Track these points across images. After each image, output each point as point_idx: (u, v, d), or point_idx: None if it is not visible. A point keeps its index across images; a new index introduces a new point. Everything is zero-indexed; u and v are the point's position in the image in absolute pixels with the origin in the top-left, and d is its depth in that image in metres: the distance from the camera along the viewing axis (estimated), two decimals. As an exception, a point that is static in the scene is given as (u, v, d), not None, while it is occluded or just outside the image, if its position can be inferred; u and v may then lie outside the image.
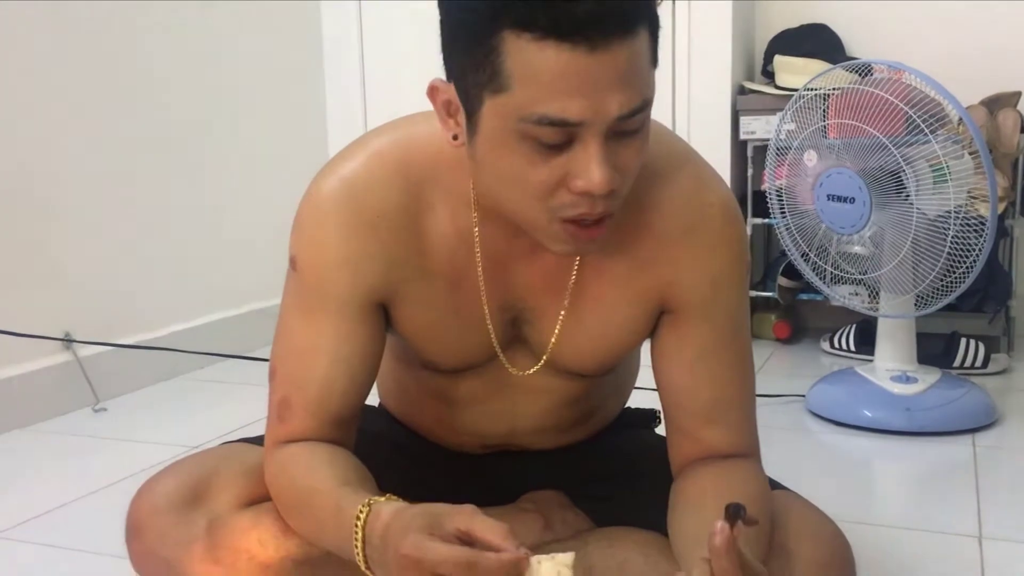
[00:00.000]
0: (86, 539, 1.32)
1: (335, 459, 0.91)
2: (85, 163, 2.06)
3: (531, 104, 0.73)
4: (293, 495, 0.91)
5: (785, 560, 0.88)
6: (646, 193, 0.90)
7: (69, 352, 2.00)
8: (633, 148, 0.79)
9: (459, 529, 0.73)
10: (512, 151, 0.77)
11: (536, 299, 0.94)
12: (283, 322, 0.96)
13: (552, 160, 0.76)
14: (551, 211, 0.79)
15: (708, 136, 2.42)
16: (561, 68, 0.72)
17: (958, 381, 1.87)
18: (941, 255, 1.65)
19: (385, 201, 0.90)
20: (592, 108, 0.73)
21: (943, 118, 1.65)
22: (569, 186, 0.77)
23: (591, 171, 0.75)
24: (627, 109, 0.74)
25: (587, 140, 0.75)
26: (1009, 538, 1.30)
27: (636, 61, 0.74)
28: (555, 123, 0.74)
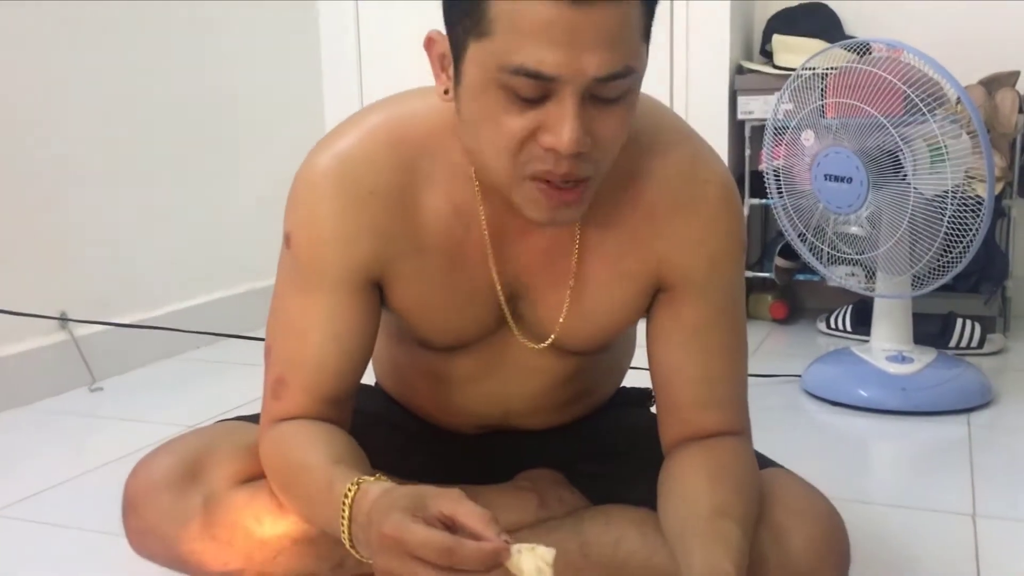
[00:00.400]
0: (83, 517, 1.33)
1: (329, 437, 0.91)
2: (82, 143, 2.05)
3: (510, 52, 0.73)
4: (286, 472, 0.91)
5: (779, 537, 0.89)
6: (644, 169, 0.90)
7: (65, 331, 2.00)
8: (614, 118, 0.78)
9: (443, 513, 0.73)
10: (489, 100, 0.77)
11: (535, 277, 0.94)
12: (278, 300, 0.96)
13: (527, 112, 0.76)
14: (521, 166, 0.79)
15: (706, 116, 2.41)
16: (542, 18, 0.72)
17: (953, 361, 1.88)
18: (938, 235, 1.65)
19: (378, 177, 0.89)
20: (569, 64, 0.73)
21: (941, 98, 1.64)
22: (539, 140, 0.77)
23: (561, 129, 0.75)
24: (605, 71, 0.74)
25: (563, 97, 0.75)
26: (1003, 516, 1.31)
27: (622, 24, 0.73)
28: (530, 75, 0.74)
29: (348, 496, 0.79)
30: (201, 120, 2.38)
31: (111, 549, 1.14)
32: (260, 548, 0.95)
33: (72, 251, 2.04)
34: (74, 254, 2.04)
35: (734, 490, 0.88)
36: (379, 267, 0.92)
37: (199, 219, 2.39)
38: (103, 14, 2.09)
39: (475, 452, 1.12)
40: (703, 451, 0.93)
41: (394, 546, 0.71)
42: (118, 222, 2.15)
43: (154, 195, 2.25)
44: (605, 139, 0.79)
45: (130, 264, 2.19)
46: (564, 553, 0.98)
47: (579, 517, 1.03)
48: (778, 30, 2.50)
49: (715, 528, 0.82)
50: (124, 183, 2.17)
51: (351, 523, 0.79)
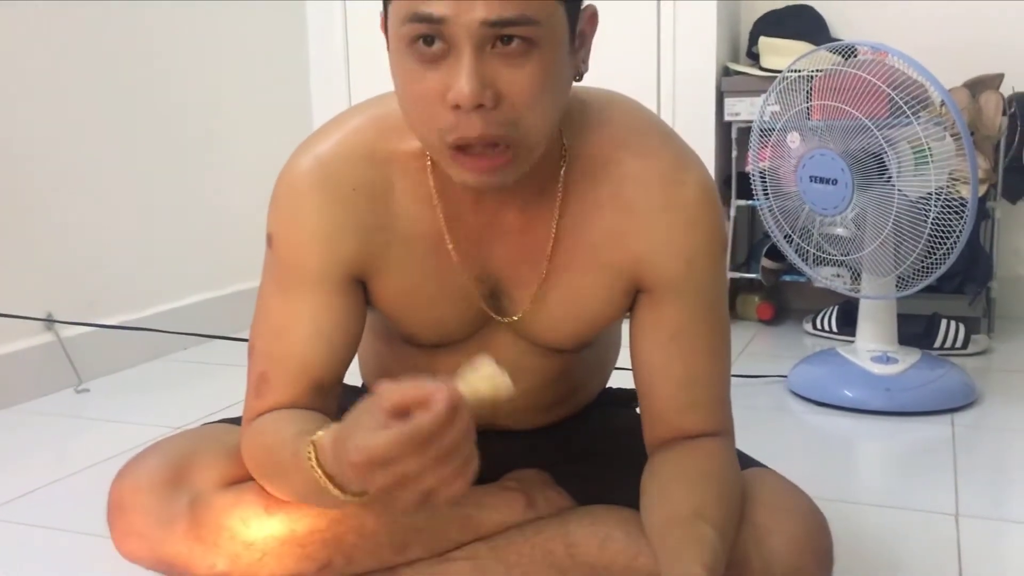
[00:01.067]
0: (69, 519, 1.32)
1: (300, 417, 0.91)
2: (67, 143, 2.05)
3: (405, 4, 0.76)
4: (264, 460, 0.92)
5: (761, 536, 0.90)
6: (624, 169, 0.91)
7: (51, 333, 1.99)
8: (521, 73, 0.77)
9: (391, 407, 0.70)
10: (403, 62, 0.79)
11: (513, 269, 0.95)
12: (261, 300, 0.96)
13: (429, 73, 0.77)
14: (440, 134, 0.80)
15: (693, 117, 2.42)
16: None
17: (938, 362, 1.89)
18: (922, 237, 1.66)
19: (357, 176, 0.91)
20: (455, 7, 0.74)
21: (926, 100, 1.65)
22: (444, 101, 0.78)
23: (460, 80, 0.76)
24: (494, 16, 0.74)
25: (460, 49, 0.76)
26: (986, 516, 1.32)
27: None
28: (422, 18, 0.75)
29: (311, 457, 0.79)
30: (188, 121, 2.38)
31: (97, 551, 1.14)
32: (246, 550, 0.95)
33: (58, 252, 2.03)
34: (60, 255, 2.03)
35: (713, 492, 0.89)
36: (361, 263, 0.93)
37: (186, 220, 2.38)
38: (89, 15, 2.08)
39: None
40: (683, 453, 0.93)
41: (368, 468, 0.69)
42: (104, 223, 2.15)
43: (140, 196, 2.24)
44: (515, 96, 0.78)
45: (116, 265, 2.18)
46: (551, 553, 1.00)
47: (565, 518, 1.03)
48: (764, 32, 2.52)
49: (689, 532, 0.83)
50: (110, 184, 2.16)
51: (331, 480, 0.78)
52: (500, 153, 0.80)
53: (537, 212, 0.92)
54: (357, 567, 0.98)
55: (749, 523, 0.90)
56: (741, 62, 2.61)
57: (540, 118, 0.81)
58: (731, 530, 0.87)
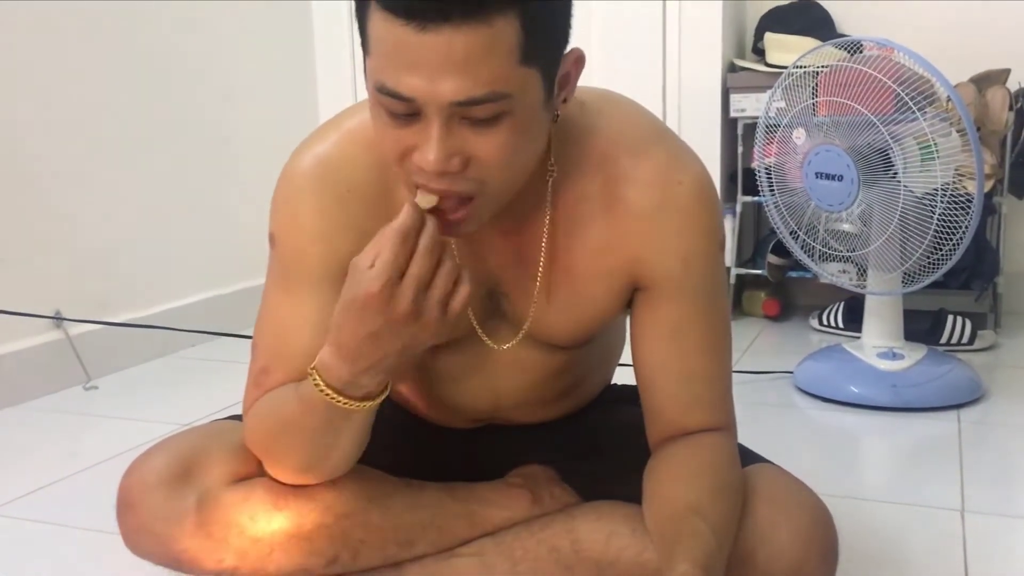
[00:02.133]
0: (78, 516, 1.33)
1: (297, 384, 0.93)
2: (75, 141, 2.05)
3: (379, 71, 0.76)
4: (266, 426, 0.93)
5: (766, 531, 0.90)
6: (617, 169, 0.91)
7: (59, 330, 2.00)
8: (491, 139, 0.77)
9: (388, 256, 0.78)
10: (377, 112, 0.80)
11: (509, 272, 0.95)
12: (265, 298, 0.98)
13: (401, 130, 0.78)
14: (407, 174, 0.81)
15: (698, 114, 2.42)
16: (397, 43, 0.73)
17: (944, 357, 1.89)
18: (928, 232, 1.66)
19: (356, 176, 0.92)
20: (424, 88, 0.74)
21: (932, 96, 1.65)
22: (411, 158, 0.79)
23: (426, 150, 0.77)
24: (462, 97, 0.74)
25: (429, 117, 0.76)
26: (991, 512, 1.32)
27: (481, 49, 0.72)
28: (392, 95, 0.75)
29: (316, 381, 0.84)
30: (195, 119, 2.39)
31: (106, 547, 1.14)
32: (254, 546, 0.96)
33: (66, 250, 2.04)
34: (68, 253, 2.04)
35: (709, 487, 0.89)
36: None
37: (193, 218, 2.39)
38: (97, 13, 2.09)
39: (467, 447, 1.13)
40: (683, 449, 0.94)
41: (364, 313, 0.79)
42: (112, 221, 2.16)
43: (148, 194, 2.25)
44: (484, 159, 0.78)
45: (124, 263, 2.19)
46: (557, 549, 1.00)
47: (571, 514, 1.03)
48: (770, 28, 2.51)
49: (683, 527, 0.83)
50: (118, 182, 2.17)
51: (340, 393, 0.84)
52: (462, 205, 0.81)
53: (532, 215, 0.92)
54: (363, 562, 0.99)
55: (754, 518, 0.91)
56: (747, 58, 2.60)
57: (511, 174, 0.82)
58: (730, 524, 0.88)
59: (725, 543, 0.85)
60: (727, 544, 0.86)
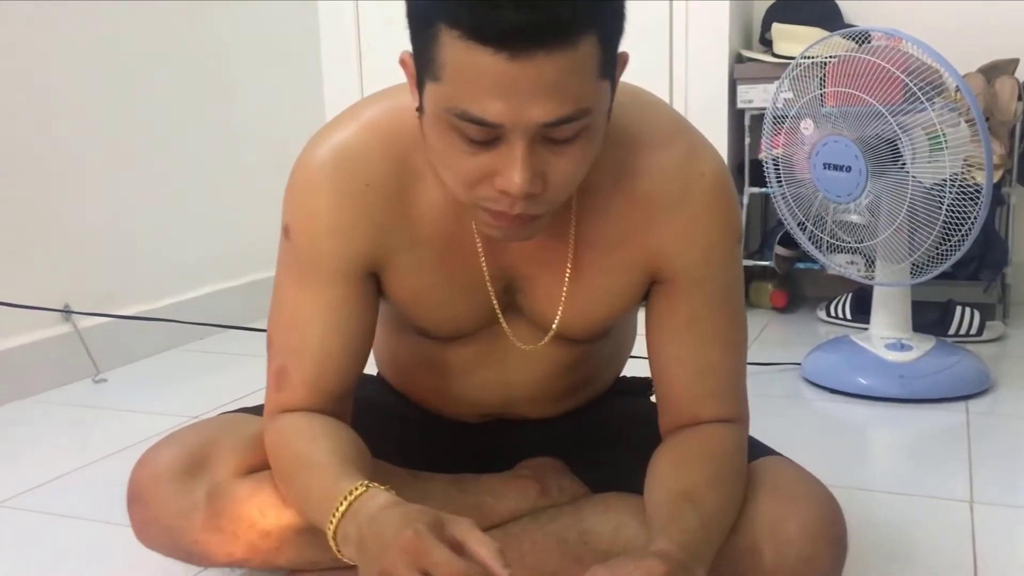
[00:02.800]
0: (88, 508, 1.34)
1: (336, 433, 0.93)
2: (84, 134, 2.06)
3: (456, 98, 0.74)
4: (291, 463, 0.92)
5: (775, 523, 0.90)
6: (639, 163, 0.91)
7: (69, 323, 2.01)
8: (568, 157, 0.78)
9: (454, 537, 0.74)
10: (444, 138, 0.78)
11: (530, 268, 0.95)
12: (278, 291, 0.97)
13: (479, 154, 0.77)
14: (476, 198, 0.80)
15: (705, 105, 2.41)
16: (482, 71, 0.71)
17: (952, 348, 1.89)
18: (937, 223, 1.66)
19: (375, 170, 0.91)
20: (512, 114, 0.73)
21: (940, 86, 1.64)
22: (492, 182, 0.78)
23: (512, 174, 0.76)
24: (551, 118, 0.74)
25: (512, 141, 0.75)
26: (1000, 503, 1.32)
27: (568, 71, 0.72)
28: (475, 121, 0.74)
29: (352, 493, 0.81)
30: (202, 112, 2.39)
31: (116, 540, 1.15)
32: (264, 539, 0.96)
33: (75, 244, 2.05)
34: (77, 247, 2.05)
35: (706, 476, 0.89)
36: (376, 259, 0.93)
37: (201, 210, 2.39)
38: (102, 8, 2.09)
39: (477, 440, 1.13)
40: (688, 438, 0.94)
41: (411, 555, 0.72)
42: (121, 214, 2.16)
43: (157, 187, 2.26)
44: (560, 178, 0.79)
45: (133, 256, 2.20)
46: (565, 541, 1.00)
47: (579, 505, 1.04)
48: (777, 19, 2.50)
49: (671, 511, 0.84)
50: (127, 175, 2.17)
51: (343, 518, 0.81)
52: (531, 222, 0.82)
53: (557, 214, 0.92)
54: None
55: (763, 510, 0.91)
56: (754, 49, 2.59)
57: (575, 184, 0.82)
58: (725, 513, 0.88)
59: (715, 530, 0.85)
60: (718, 531, 0.86)
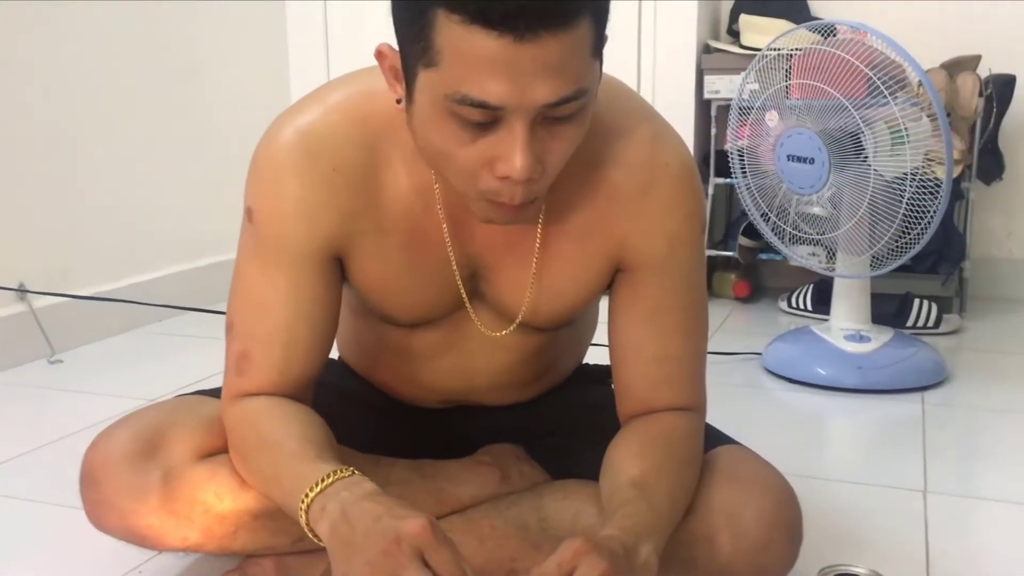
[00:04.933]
0: (41, 490, 1.32)
1: (303, 417, 0.92)
2: (40, 111, 2.02)
3: (455, 83, 0.73)
4: (257, 445, 0.91)
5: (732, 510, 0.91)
6: (605, 151, 0.91)
7: (24, 303, 1.97)
8: (565, 135, 0.78)
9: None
10: (441, 126, 0.77)
11: (497, 256, 0.94)
12: (239, 275, 0.95)
13: (478, 140, 0.76)
14: (475, 186, 0.80)
15: (672, 95, 2.41)
16: (486, 54, 0.71)
17: (910, 340, 1.91)
18: (897, 216, 1.68)
19: (341, 154, 0.89)
20: (515, 95, 0.73)
21: (903, 81, 1.66)
22: (493, 168, 0.77)
23: (513, 157, 0.75)
24: (554, 98, 0.74)
25: (512, 124, 0.75)
26: (952, 492, 1.34)
27: (569, 51, 0.73)
28: (476, 104, 0.74)
29: (337, 474, 0.81)
30: (165, 91, 2.35)
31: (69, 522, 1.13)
32: (219, 523, 0.95)
33: (30, 221, 2.01)
34: (32, 225, 2.01)
35: (658, 463, 0.90)
36: (341, 243, 0.92)
37: (160, 191, 2.36)
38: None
39: (438, 426, 1.12)
40: (643, 425, 0.95)
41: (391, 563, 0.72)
42: (77, 193, 2.12)
43: (115, 166, 2.22)
44: (557, 157, 0.79)
45: (90, 235, 2.16)
46: (524, 527, 1.00)
47: (539, 492, 1.04)
48: (745, 10, 2.51)
49: (621, 498, 0.85)
50: (84, 153, 2.13)
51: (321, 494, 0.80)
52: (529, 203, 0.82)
53: None
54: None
55: (719, 498, 0.91)
56: (721, 40, 2.60)
57: (563, 164, 0.82)
58: (676, 500, 0.89)
59: (665, 516, 0.86)
60: (669, 517, 0.86)
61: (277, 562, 1.00)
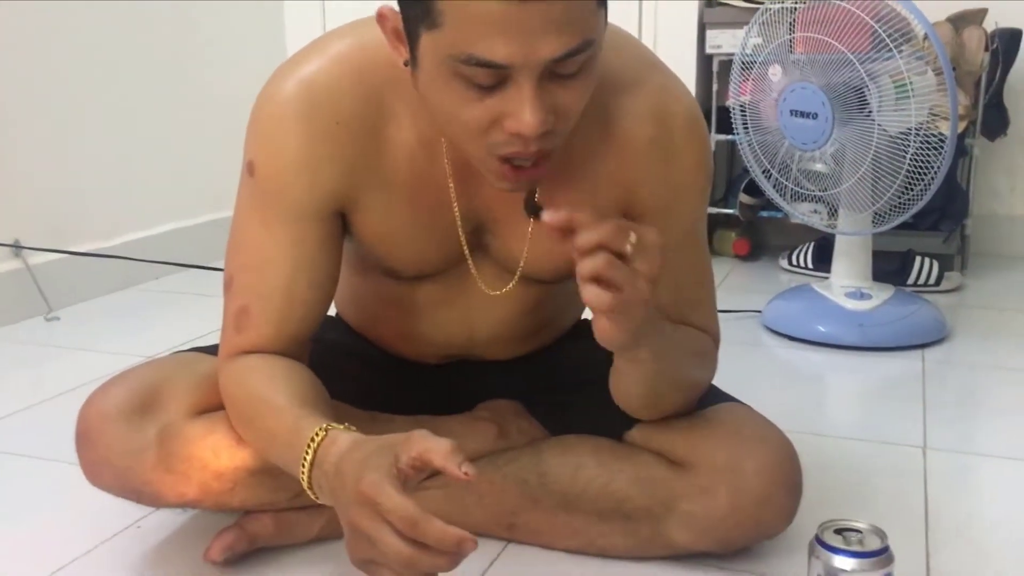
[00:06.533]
0: (39, 446, 1.32)
1: (295, 375, 0.91)
2: (34, 67, 1.99)
3: (460, 43, 0.72)
4: (249, 405, 0.90)
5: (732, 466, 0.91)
6: (613, 103, 0.89)
7: (19, 259, 1.96)
8: (574, 89, 0.77)
9: (412, 458, 0.73)
10: (447, 87, 0.76)
11: (502, 210, 0.93)
12: (239, 229, 0.94)
13: (486, 99, 0.75)
14: (487, 147, 0.79)
15: (674, 50, 2.38)
16: (490, 12, 0.70)
17: (911, 298, 1.91)
18: (900, 173, 1.66)
19: (344, 106, 0.88)
20: (521, 52, 0.71)
21: (909, 34, 1.63)
22: (503, 126, 0.76)
23: (523, 113, 0.74)
24: (560, 52, 0.72)
25: (520, 82, 0.73)
26: (951, 449, 1.34)
27: (573, 6, 0.71)
28: (482, 64, 0.72)
29: (315, 440, 0.80)
30: (158, 48, 2.32)
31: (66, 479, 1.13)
32: (217, 480, 0.95)
33: (26, 177, 1.99)
34: (28, 180, 1.99)
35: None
36: (344, 197, 0.91)
37: (158, 147, 2.33)
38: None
39: (437, 383, 1.12)
40: None
41: (367, 504, 0.72)
42: (74, 148, 2.10)
43: (111, 122, 2.19)
44: (569, 111, 0.78)
45: (86, 191, 2.14)
46: (523, 483, 1.00)
47: (538, 447, 1.04)
48: (749, -38, 2.47)
49: None
50: (80, 109, 2.11)
51: (312, 467, 0.80)
52: (544, 160, 0.80)
53: None
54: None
55: (720, 452, 0.91)
56: (724, -7, 2.56)
57: (579, 114, 0.80)
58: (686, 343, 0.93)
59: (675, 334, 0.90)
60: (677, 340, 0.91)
61: (275, 518, 1.01)
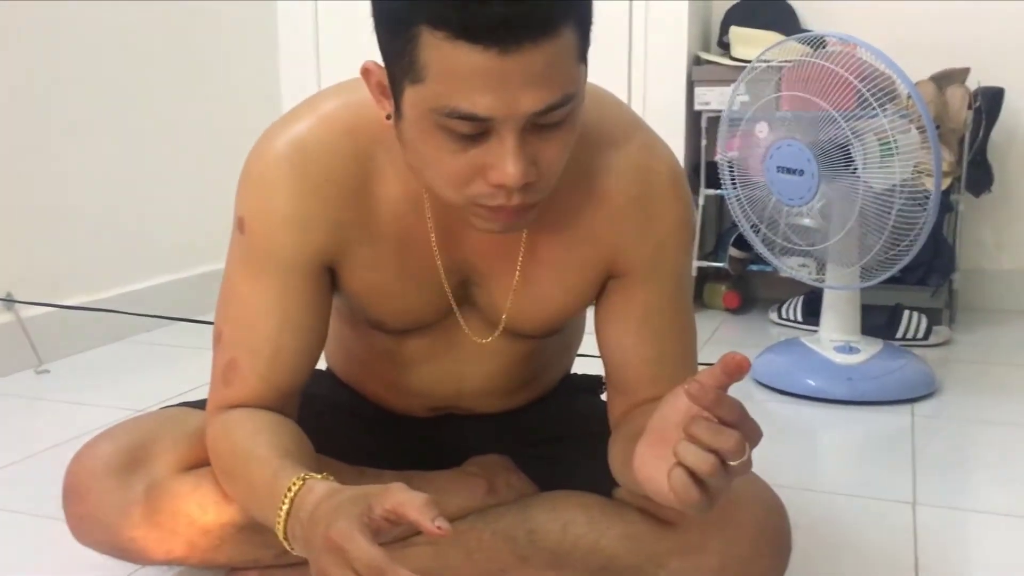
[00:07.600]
0: (26, 502, 1.31)
1: (278, 428, 0.91)
2: (28, 119, 2.01)
3: (443, 97, 0.73)
4: (231, 459, 0.90)
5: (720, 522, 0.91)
6: (596, 161, 0.91)
7: (11, 312, 1.96)
8: (555, 142, 0.78)
9: (386, 510, 0.72)
10: (430, 139, 0.77)
11: (486, 263, 0.95)
12: (229, 285, 0.95)
13: (469, 150, 0.76)
14: (469, 198, 0.80)
15: (663, 106, 2.42)
16: (472, 67, 0.71)
17: (899, 352, 1.92)
18: (886, 228, 1.68)
19: (333, 164, 0.89)
20: (503, 106, 0.73)
21: (893, 93, 1.67)
22: (486, 177, 0.77)
23: (505, 164, 0.75)
24: (541, 106, 0.74)
25: (503, 134, 0.75)
26: (941, 504, 1.34)
27: (555, 59, 0.73)
28: (464, 117, 0.74)
29: (291, 490, 0.79)
30: (153, 101, 2.35)
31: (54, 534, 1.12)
32: (203, 536, 0.94)
33: (19, 230, 2.00)
34: (21, 233, 2.00)
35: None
36: (332, 253, 0.92)
37: (149, 200, 2.35)
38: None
39: (425, 436, 1.12)
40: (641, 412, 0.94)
41: (336, 551, 0.71)
42: (67, 201, 2.11)
43: (105, 175, 2.21)
44: (551, 163, 0.79)
45: (79, 245, 2.15)
46: (512, 539, 1.00)
47: (526, 504, 1.03)
48: (736, 22, 2.52)
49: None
50: (73, 162, 2.13)
51: (288, 517, 0.79)
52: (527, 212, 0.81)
53: None
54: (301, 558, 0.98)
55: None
56: (712, 51, 2.61)
57: (562, 168, 0.81)
58: None
59: None
60: None
61: (262, 574, 1.00)
